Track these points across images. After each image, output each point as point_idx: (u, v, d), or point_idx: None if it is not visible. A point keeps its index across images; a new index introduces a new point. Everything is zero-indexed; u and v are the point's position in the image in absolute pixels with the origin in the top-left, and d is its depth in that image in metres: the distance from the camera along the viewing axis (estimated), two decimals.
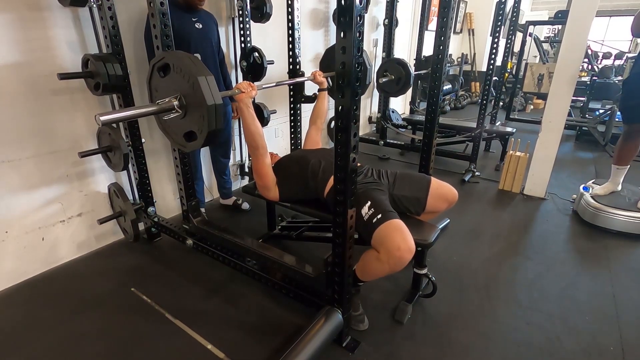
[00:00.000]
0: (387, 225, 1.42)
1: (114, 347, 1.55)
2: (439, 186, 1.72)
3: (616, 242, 2.35)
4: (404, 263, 1.38)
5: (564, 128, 2.73)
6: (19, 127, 1.78)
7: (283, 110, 3.12)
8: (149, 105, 1.21)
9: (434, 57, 1.98)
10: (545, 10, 9.00)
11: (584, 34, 2.50)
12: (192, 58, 1.19)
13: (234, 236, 1.88)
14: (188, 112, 1.22)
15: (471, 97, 7.08)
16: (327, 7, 3.69)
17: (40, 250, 2.00)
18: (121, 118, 1.14)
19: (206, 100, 1.13)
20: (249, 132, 1.66)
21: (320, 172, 1.72)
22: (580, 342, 1.59)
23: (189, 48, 2.08)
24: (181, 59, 1.18)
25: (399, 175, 1.75)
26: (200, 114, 1.17)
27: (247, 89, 1.56)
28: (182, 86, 1.20)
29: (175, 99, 1.21)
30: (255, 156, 1.73)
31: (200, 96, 1.14)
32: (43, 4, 1.75)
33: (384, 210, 1.47)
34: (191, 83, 1.15)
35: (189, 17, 2.09)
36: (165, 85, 1.26)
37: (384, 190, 1.65)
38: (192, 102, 1.19)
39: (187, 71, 1.16)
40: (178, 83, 1.20)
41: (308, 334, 1.36)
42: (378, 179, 1.71)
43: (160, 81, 1.27)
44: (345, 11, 1.04)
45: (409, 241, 1.37)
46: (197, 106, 1.18)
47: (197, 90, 1.14)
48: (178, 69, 1.19)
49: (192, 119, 1.22)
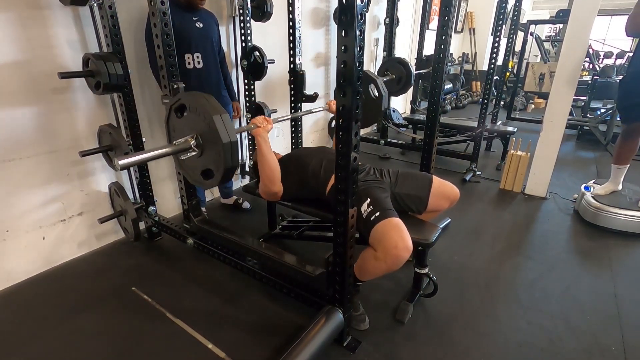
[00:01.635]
0: (384, 224, 1.41)
1: (114, 347, 1.55)
2: (441, 185, 1.72)
3: (617, 242, 2.34)
4: (401, 262, 1.38)
5: (565, 127, 2.73)
6: (19, 126, 1.78)
7: (284, 110, 3.11)
8: (166, 146, 1.24)
9: (435, 57, 1.97)
10: (546, 9, 8.99)
11: (585, 33, 2.49)
12: (207, 97, 1.21)
13: (235, 235, 1.88)
14: (205, 150, 1.25)
15: (472, 96, 7.07)
16: (327, 6, 3.68)
17: (40, 249, 2.00)
18: (139, 161, 1.17)
19: (222, 138, 1.15)
20: (267, 166, 1.64)
21: (322, 171, 1.71)
22: (582, 342, 1.58)
23: (189, 47, 2.08)
24: (197, 99, 1.20)
25: (401, 173, 1.74)
26: (217, 151, 1.19)
27: (263, 123, 1.57)
28: (198, 125, 1.22)
29: (192, 139, 1.24)
30: (265, 186, 1.73)
31: (216, 134, 1.16)
32: (43, 3, 1.74)
33: (383, 208, 1.46)
34: (207, 122, 1.18)
35: (190, 17, 2.08)
36: (182, 125, 1.29)
37: (386, 188, 1.64)
38: (209, 141, 1.21)
39: (202, 110, 1.18)
40: (194, 122, 1.23)
41: (309, 333, 1.36)
42: (380, 177, 1.71)
43: (178, 121, 1.30)
44: (347, 10, 1.04)
45: (407, 239, 1.37)
46: (213, 144, 1.20)
47: (213, 129, 1.16)
48: (194, 109, 1.22)
49: (209, 157, 1.25)
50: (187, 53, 2.08)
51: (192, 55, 2.11)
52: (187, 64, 2.10)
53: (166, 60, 1.70)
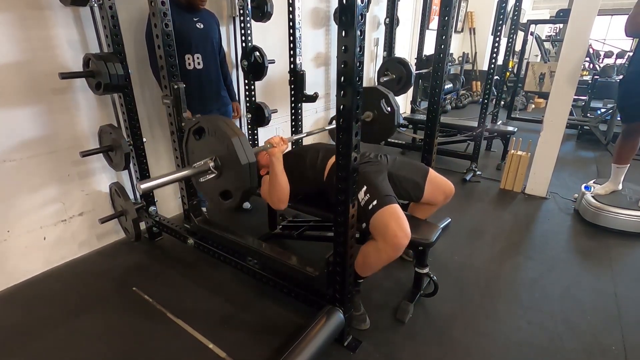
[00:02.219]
0: (382, 213, 1.43)
1: (115, 347, 1.55)
2: (437, 175, 1.77)
3: (618, 241, 2.34)
4: (402, 249, 1.41)
5: (565, 127, 2.73)
6: (20, 127, 1.78)
7: (284, 110, 3.12)
8: (186, 168, 1.27)
9: (435, 56, 1.97)
10: (546, 9, 8.99)
11: (585, 32, 2.49)
12: (226, 120, 1.25)
13: (235, 235, 1.88)
14: (223, 172, 1.27)
15: (472, 96, 7.06)
16: (327, 6, 3.68)
17: (41, 249, 2.00)
18: (161, 184, 1.19)
19: (240, 161, 1.17)
20: (279, 187, 1.63)
21: (319, 160, 1.72)
22: (582, 341, 1.58)
23: (190, 48, 2.08)
24: (215, 122, 1.24)
25: (399, 159, 1.79)
26: (236, 172, 1.22)
27: (279, 143, 1.56)
28: (216, 148, 1.25)
29: (211, 161, 1.26)
30: (273, 203, 1.72)
31: (234, 156, 1.18)
32: (44, 3, 1.75)
33: (380, 194, 1.47)
34: (225, 144, 1.20)
35: (190, 17, 2.08)
36: (200, 148, 1.31)
37: (382, 169, 1.65)
38: (227, 163, 1.24)
39: (220, 133, 1.21)
40: (213, 145, 1.26)
41: (309, 333, 1.36)
42: (375, 158, 1.73)
43: (196, 144, 1.32)
44: (347, 10, 1.04)
45: (405, 227, 1.41)
46: (232, 166, 1.22)
47: (232, 151, 1.18)
48: (212, 132, 1.25)
49: (227, 179, 1.28)
50: (187, 54, 2.08)
51: (193, 56, 2.11)
52: (187, 65, 2.10)
53: (166, 61, 1.70)
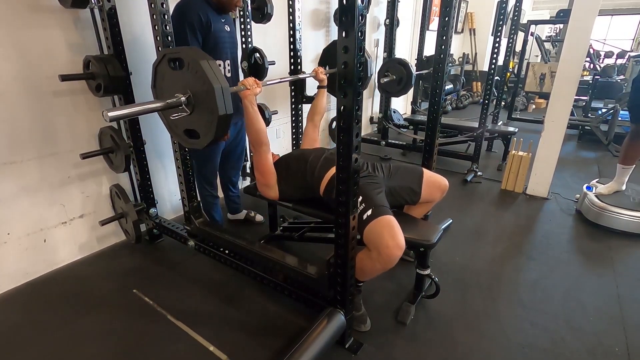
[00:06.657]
0: (376, 223, 1.42)
1: (115, 349, 1.55)
2: (431, 175, 1.80)
3: (620, 242, 2.33)
4: (394, 260, 1.40)
5: (566, 127, 2.72)
6: (20, 129, 1.78)
7: (284, 111, 3.11)
8: (156, 101, 1.22)
9: (435, 57, 1.97)
10: (546, 9, 8.99)
11: (586, 33, 2.49)
12: (211, 63, 1.18)
13: (236, 237, 1.87)
14: (194, 112, 1.23)
15: (473, 96, 7.06)
16: (328, 8, 3.69)
17: (41, 251, 2.00)
18: (128, 114, 1.14)
19: (219, 110, 1.15)
20: (254, 128, 1.65)
21: (317, 169, 1.72)
22: (585, 343, 1.57)
23: (222, 54, 1.92)
24: (198, 59, 1.16)
25: (393, 167, 1.79)
26: (209, 119, 1.19)
27: (252, 85, 1.56)
28: (194, 86, 1.19)
29: (184, 97, 1.21)
30: (258, 153, 1.73)
31: (213, 104, 1.15)
32: (44, 6, 1.75)
33: (375, 205, 1.47)
34: (205, 88, 1.16)
35: (219, 19, 1.90)
36: (174, 79, 1.25)
37: (380, 183, 1.66)
38: (202, 105, 1.20)
39: (202, 75, 1.15)
40: (189, 81, 1.20)
41: (310, 335, 1.35)
42: (373, 172, 1.74)
43: (170, 73, 1.26)
44: (347, 10, 1.04)
45: (398, 238, 1.39)
46: (206, 111, 1.19)
47: (211, 98, 1.15)
48: (193, 70, 1.18)
49: (197, 121, 1.23)
50: (218, 59, 1.90)
51: (224, 62, 1.94)
52: None
53: None
